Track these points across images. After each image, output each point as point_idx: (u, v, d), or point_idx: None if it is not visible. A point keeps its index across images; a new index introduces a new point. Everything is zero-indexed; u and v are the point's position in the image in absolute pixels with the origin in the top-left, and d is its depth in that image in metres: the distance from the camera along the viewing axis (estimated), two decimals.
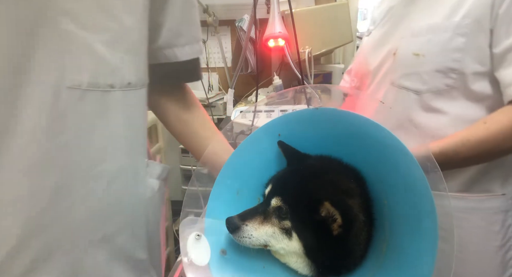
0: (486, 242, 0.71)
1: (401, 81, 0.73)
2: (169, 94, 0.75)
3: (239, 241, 0.52)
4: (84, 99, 0.48)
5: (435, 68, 0.68)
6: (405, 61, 0.73)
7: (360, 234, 0.51)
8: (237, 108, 1.60)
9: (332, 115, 0.54)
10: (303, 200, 0.51)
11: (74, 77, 0.47)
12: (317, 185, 0.52)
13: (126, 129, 0.56)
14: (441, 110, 0.70)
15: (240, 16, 1.84)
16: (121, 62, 0.52)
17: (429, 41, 0.69)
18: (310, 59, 1.61)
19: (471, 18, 0.65)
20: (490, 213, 0.70)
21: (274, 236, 0.52)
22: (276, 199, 0.53)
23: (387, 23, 0.82)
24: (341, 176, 0.53)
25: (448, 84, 0.68)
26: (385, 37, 0.81)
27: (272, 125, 0.59)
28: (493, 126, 0.62)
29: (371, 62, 0.82)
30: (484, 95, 0.67)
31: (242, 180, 0.60)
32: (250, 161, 0.60)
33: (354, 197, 0.51)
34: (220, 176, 0.58)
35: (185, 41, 0.66)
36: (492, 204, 0.70)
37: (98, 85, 0.49)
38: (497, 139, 0.61)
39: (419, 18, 0.74)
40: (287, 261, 0.54)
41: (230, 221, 0.52)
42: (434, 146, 0.64)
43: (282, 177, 0.56)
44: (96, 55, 0.49)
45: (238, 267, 0.54)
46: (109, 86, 0.51)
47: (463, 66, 0.66)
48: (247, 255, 0.54)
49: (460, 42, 0.66)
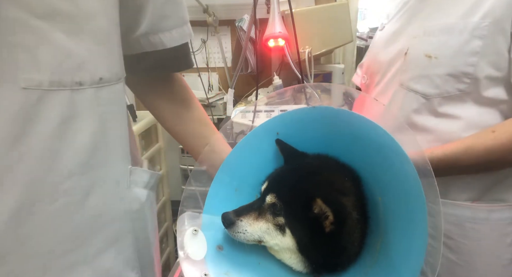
0: (496, 254, 0.67)
1: (410, 84, 0.69)
2: (160, 88, 0.69)
3: (234, 236, 0.53)
4: (46, 102, 0.40)
5: (447, 72, 0.64)
6: (416, 63, 0.69)
7: (354, 231, 0.51)
8: (237, 108, 1.60)
9: (329, 114, 0.55)
10: (297, 197, 0.52)
11: (30, 76, 0.39)
12: (311, 183, 0.53)
13: (102, 134, 0.48)
14: (451, 115, 0.66)
15: (240, 16, 1.84)
16: (89, 54, 0.44)
17: (443, 43, 0.65)
18: (310, 59, 1.61)
19: (491, 19, 0.61)
20: (503, 224, 0.66)
21: (268, 232, 0.52)
22: (271, 196, 0.53)
23: (401, 18, 0.77)
24: (336, 174, 0.54)
25: (460, 89, 0.64)
26: (397, 33, 0.77)
27: (271, 124, 0.59)
28: (502, 135, 0.59)
29: (382, 60, 0.78)
30: (497, 100, 0.64)
31: (241, 177, 0.60)
32: (248, 159, 0.61)
33: (348, 195, 0.52)
34: (218, 173, 0.59)
35: (172, 24, 0.57)
36: (504, 215, 0.66)
37: (63, 83, 0.42)
38: (504, 149, 0.59)
39: (434, 16, 0.69)
40: (281, 257, 0.54)
41: (225, 216, 0.53)
42: (438, 151, 0.62)
43: (278, 175, 0.57)
44: (57, 47, 0.41)
45: (234, 262, 0.54)
46: (77, 84, 0.43)
47: (478, 71, 0.62)
48: (243, 251, 0.55)
49: (477, 45, 0.61)
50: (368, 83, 0.85)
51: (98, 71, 0.46)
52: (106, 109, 0.48)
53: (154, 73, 0.65)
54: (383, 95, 0.77)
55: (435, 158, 0.62)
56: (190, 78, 1.98)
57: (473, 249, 0.67)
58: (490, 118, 0.65)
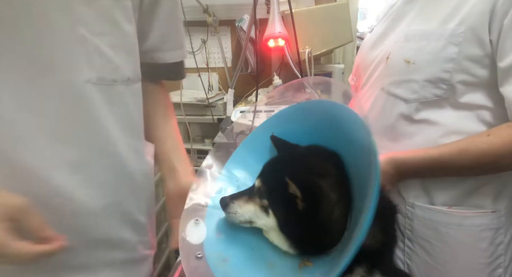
0: (471, 259, 0.68)
1: (391, 88, 0.70)
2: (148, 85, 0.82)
3: (228, 217, 0.60)
4: (94, 90, 0.60)
5: (425, 77, 0.65)
6: (396, 68, 0.70)
7: (332, 211, 0.54)
8: (237, 108, 1.60)
9: (314, 107, 0.61)
10: (277, 181, 0.57)
11: (87, 73, 0.59)
12: (291, 167, 0.59)
13: (128, 116, 0.68)
14: (429, 121, 0.67)
15: (240, 16, 1.84)
16: (122, 62, 0.64)
17: (421, 49, 0.66)
18: (310, 59, 1.61)
19: (466, 26, 0.61)
20: (477, 230, 0.67)
21: (256, 213, 0.58)
22: (258, 181, 0.61)
23: (387, 21, 0.78)
24: (317, 159, 0.59)
25: (437, 94, 0.65)
26: (383, 37, 0.77)
27: (267, 123, 0.67)
28: (496, 140, 0.60)
29: (368, 62, 0.79)
30: (475, 106, 0.65)
31: (240, 179, 0.67)
32: (248, 160, 0.67)
33: (327, 177, 0.55)
34: (224, 171, 0.67)
35: (171, 47, 0.79)
36: (480, 221, 0.67)
37: (104, 80, 0.62)
38: (498, 154, 0.59)
39: (415, 21, 0.70)
40: (271, 238, 0.59)
41: (222, 199, 0.61)
42: (434, 151, 0.63)
43: (268, 163, 0.63)
44: (103, 56, 0.61)
45: (229, 246, 0.61)
46: (113, 81, 0.63)
47: (454, 77, 0.63)
48: (240, 237, 0.61)
49: (453, 51, 0.62)
50: (357, 85, 0.86)
51: (127, 73, 0.66)
52: (130, 99, 0.68)
53: (153, 79, 0.83)
54: (367, 99, 0.77)
55: (431, 158, 0.63)
56: (190, 78, 1.99)
57: (448, 253, 0.68)
58: (468, 124, 0.65)
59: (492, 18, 0.60)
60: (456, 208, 0.67)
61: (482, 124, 0.64)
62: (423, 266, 0.70)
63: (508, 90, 0.59)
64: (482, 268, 0.67)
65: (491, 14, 0.59)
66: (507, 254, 0.68)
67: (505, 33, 0.58)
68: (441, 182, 0.67)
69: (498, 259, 0.67)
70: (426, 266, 0.69)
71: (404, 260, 0.72)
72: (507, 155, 0.59)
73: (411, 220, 0.70)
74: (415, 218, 0.69)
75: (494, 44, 0.60)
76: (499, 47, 0.59)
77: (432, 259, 0.69)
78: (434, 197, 0.68)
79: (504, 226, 0.67)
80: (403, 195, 0.70)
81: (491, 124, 0.64)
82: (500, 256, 0.68)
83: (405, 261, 0.72)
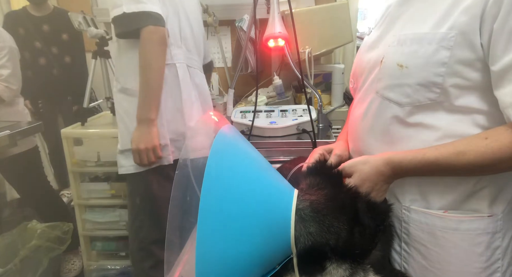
0: (468, 263, 0.67)
1: (384, 92, 0.70)
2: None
3: None
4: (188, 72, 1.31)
5: (417, 82, 0.65)
6: (389, 72, 0.69)
7: None
8: (237, 108, 1.60)
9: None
10: None
11: (190, 62, 1.31)
12: None
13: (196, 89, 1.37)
14: (424, 125, 0.67)
15: (240, 16, 1.84)
16: (196, 58, 1.35)
17: (413, 53, 0.66)
18: (310, 59, 1.61)
19: (457, 30, 0.61)
20: (474, 234, 0.66)
21: None
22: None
23: (383, 24, 0.77)
24: None
25: (431, 98, 0.65)
26: (378, 40, 0.77)
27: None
28: (493, 144, 0.59)
29: (364, 66, 0.79)
30: (470, 109, 0.64)
31: None
32: None
33: None
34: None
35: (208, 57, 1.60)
36: (476, 225, 0.66)
37: (189, 65, 1.31)
38: (495, 158, 0.59)
39: (408, 25, 0.70)
40: None
41: None
42: (431, 154, 0.63)
43: None
44: (185, 54, 1.28)
45: None
46: (189, 67, 1.30)
47: (446, 81, 0.63)
48: None
49: (445, 55, 0.62)
50: (355, 87, 0.86)
51: (197, 65, 1.34)
52: (194, 81, 1.36)
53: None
54: (363, 102, 0.77)
55: (427, 161, 0.63)
56: None
57: (444, 257, 0.67)
58: (463, 127, 0.65)
59: (482, 22, 0.60)
60: (452, 212, 0.67)
61: (477, 127, 0.64)
62: (419, 269, 0.70)
63: (502, 93, 0.59)
64: (478, 272, 0.67)
65: (481, 18, 0.60)
66: (505, 258, 0.68)
67: (495, 37, 0.59)
68: (438, 186, 0.67)
69: (496, 263, 0.67)
70: (422, 270, 0.70)
71: (401, 263, 0.72)
72: (505, 159, 0.59)
73: (407, 224, 0.70)
74: (411, 222, 0.69)
75: (485, 48, 0.60)
76: (490, 51, 0.60)
77: (429, 263, 0.69)
78: (430, 201, 0.68)
79: (501, 230, 0.67)
80: (399, 199, 0.71)
81: (486, 127, 0.64)
82: (498, 261, 0.67)
83: (402, 265, 0.72)
